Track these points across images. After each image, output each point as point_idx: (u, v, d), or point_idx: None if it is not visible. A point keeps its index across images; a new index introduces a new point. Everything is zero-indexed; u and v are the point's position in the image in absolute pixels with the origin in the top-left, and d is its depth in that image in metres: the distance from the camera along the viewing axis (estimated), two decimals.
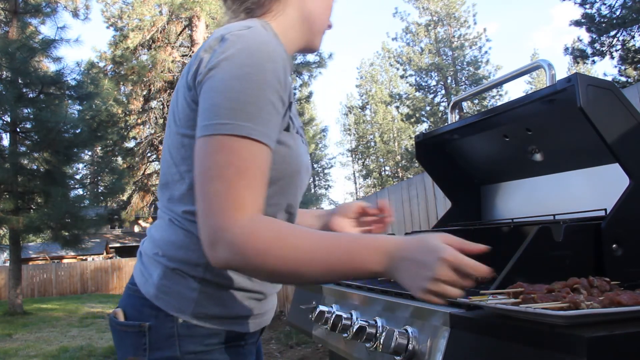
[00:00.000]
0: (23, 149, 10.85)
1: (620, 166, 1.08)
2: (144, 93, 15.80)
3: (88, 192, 12.12)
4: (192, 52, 14.34)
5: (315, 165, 36.98)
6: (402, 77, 31.17)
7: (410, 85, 30.10)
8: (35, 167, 11.14)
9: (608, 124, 1.07)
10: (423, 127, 29.35)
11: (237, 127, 0.73)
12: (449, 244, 0.70)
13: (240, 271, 0.80)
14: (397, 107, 32.32)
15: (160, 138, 16.16)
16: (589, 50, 13.74)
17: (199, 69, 0.80)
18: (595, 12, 13.51)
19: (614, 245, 1.02)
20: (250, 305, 0.89)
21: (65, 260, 21.93)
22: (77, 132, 10.66)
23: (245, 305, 0.88)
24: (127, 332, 0.86)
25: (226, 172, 0.72)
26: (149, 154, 17.00)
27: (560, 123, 1.31)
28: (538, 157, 1.46)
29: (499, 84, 1.45)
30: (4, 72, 10.29)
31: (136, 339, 0.85)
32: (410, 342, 0.94)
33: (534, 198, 1.54)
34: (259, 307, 0.92)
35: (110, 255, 26.69)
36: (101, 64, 15.61)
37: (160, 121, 16.24)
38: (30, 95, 10.65)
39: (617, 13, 13.11)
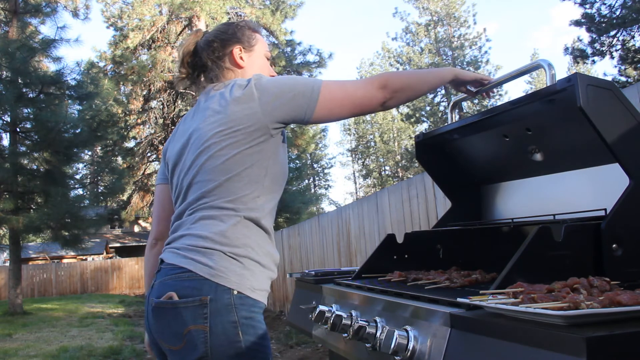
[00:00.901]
0: (23, 149, 10.86)
1: (620, 166, 1.08)
2: (144, 93, 15.79)
3: (88, 192, 12.13)
4: None
5: (315, 165, 36.98)
6: None
7: None
8: (35, 167, 11.14)
9: (608, 124, 1.07)
10: (423, 127, 29.33)
11: (317, 81, 1.17)
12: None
13: (398, 95, 1.20)
14: (397, 107, 32.30)
15: (160, 138, 16.14)
16: (589, 50, 13.71)
17: (249, 103, 1.15)
18: (595, 12, 13.48)
19: (614, 245, 1.02)
20: (268, 282, 1.18)
21: (65, 260, 21.92)
22: (77, 132, 10.67)
23: (267, 281, 1.17)
24: (186, 307, 1.06)
25: (344, 89, 1.17)
26: (149, 154, 16.98)
27: (560, 123, 1.31)
28: (538, 157, 1.46)
29: (499, 84, 1.45)
30: (4, 72, 10.29)
31: (196, 310, 1.05)
32: (410, 342, 0.94)
33: (534, 198, 1.54)
34: (269, 286, 1.19)
35: (110, 255, 26.68)
36: (101, 64, 15.61)
37: (160, 121, 16.23)
38: (30, 95, 10.64)
39: (617, 13, 13.09)
